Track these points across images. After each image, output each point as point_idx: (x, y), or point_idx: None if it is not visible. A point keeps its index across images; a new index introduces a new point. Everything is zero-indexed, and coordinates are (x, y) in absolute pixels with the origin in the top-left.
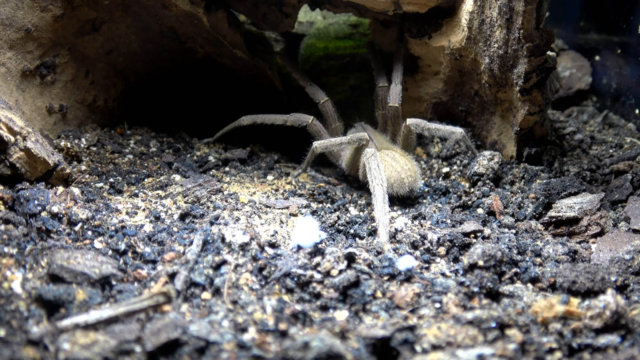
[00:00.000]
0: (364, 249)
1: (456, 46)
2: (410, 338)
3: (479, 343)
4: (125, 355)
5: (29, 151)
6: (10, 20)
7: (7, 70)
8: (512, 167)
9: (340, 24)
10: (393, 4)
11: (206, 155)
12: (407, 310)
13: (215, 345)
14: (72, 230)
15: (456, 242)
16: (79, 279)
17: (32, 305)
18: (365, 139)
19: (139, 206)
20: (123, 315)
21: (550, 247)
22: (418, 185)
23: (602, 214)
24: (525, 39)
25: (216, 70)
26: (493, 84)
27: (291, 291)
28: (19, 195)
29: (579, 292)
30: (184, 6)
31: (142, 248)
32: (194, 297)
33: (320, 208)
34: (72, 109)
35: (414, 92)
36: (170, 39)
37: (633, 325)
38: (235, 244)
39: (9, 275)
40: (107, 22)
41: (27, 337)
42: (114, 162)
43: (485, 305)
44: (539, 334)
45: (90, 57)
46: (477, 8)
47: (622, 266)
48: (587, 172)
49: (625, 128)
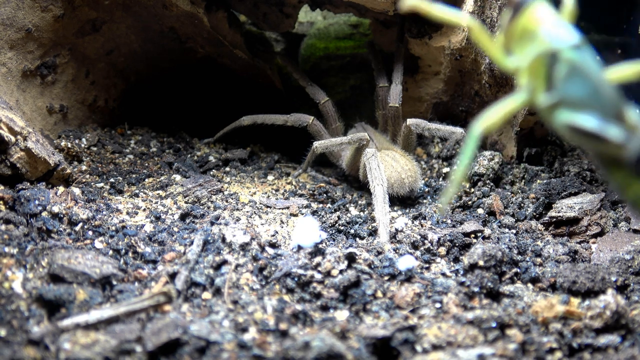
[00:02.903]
0: (364, 249)
1: (456, 46)
2: (411, 338)
3: (479, 343)
4: (125, 355)
5: (30, 151)
6: (11, 21)
7: (7, 70)
8: (512, 167)
9: (340, 24)
10: (393, 4)
11: (206, 156)
12: (407, 310)
13: (215, 345)
14: (73, 230)
15: (456, 242)
16: (80, 279)
17: (32, 305)
18: (365, 139)
19: (140, 206)
20: (124, 315)
21: (551, 247)
22: (418, 186)
23: (602, 214)
24: None
25: (216, 71)
26: (493, 84)
27: (292, 291)
28: (19, 195)
29: (579, 292)
30: (185, 6)
31: (142, 248)
32: (194, 297)
33: (321, 208)
34: (73, 109)
35: (414, 92)
36: (171, 39)
37: (633, 325)
38: (235, 244)
39: (9, 275)
40: (107, 22)
41: (28, 337)
42: (114, 162)
43: (485, 305)
44: (539, 334)
45: (91, 57)
46: (477, 8)
47: (622, 266)
48: (587, 172)
49: None
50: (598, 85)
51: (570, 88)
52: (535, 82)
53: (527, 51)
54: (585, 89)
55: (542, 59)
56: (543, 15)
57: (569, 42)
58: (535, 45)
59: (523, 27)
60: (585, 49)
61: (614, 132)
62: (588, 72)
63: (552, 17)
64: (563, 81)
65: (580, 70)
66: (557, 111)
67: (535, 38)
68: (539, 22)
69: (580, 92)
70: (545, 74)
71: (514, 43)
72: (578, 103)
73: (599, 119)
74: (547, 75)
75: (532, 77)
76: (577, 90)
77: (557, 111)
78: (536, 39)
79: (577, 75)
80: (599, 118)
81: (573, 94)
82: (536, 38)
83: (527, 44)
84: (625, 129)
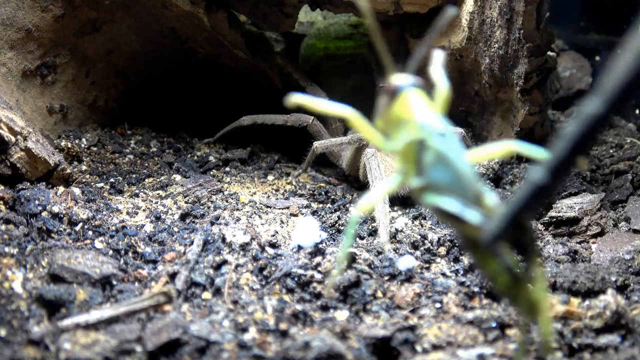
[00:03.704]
0: (364, 249)
1: (456, 46)
2: (411, 338)
3: (479, 343)
4: (126, 355)
5: (30, 151)
6: (11, 21)
7: (7, 71)
8: (512, 167)
9: (340, 24)
10: (393, 4)
11: (207, 156)
12: (407, 310)
13: (215, 345)
14: (73, 230)
15: (456, 242)
16: (80, 279)
17: (32, 305)
18: (365, 139)
19: (140, 206)
20: (124, 315)
21: (551, 247)
22: None
23: (602, 214)
24: (526, 39)
25: (217, 71)
26: (493, 84)
27: (292, 291)
28: (19, 195)
29: (579, 292)
30: (185, 6)
31: (142, 248)
32: (194, 297)
33: (321, 208)
34: (73, 109)
35: None
36: (171, 39)
37: (633, 325)
38: (235, 244)
39: (9, 275)
40: (107, 22)
41: (28, 337)
42: (114, 162)
43: (485, 305)
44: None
45: (91, 57)
46: (477, 8)
47: (622, 266)
48: (588, 172)
49: (626, 128)
50: (460, 172)
51: (435, 174)
52: (407, 166)
53: (400, 137)
54: (448, 175)
55: (412, 146)
56: (414, 103)
57: (436, 131)
58: (407, 132)
59: (397, 114)
60: (451, 137)
61: (472, 215)
62: (451, 161)
63: (422, 105)
64: (430, 167)
65: (445, 158)
66: (425, 194)
67: (407, 125)
68: (410, 110)
69: (444, 178)
70: (415, 159)
71: (390, 128)
72: (442, 188)
73: (460, 202)
74: (417, 160)
75: (404, 161)
76: (441, 176)
77: (425, 194)
78: (407, 126)
79: (441, 162)
80: (461, 202)
81: (438, 179)
82: (408, 125)
83: (401, 130)
84: (483, 212)
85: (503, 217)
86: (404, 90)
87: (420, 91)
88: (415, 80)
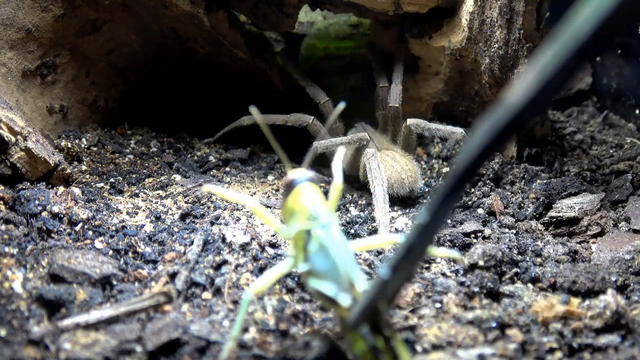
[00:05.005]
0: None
1: (457, 46)
2: (411, 338)
3: (479, 343)
4: (126, 354)
5: (30, 151)
6: (11, 21)
7: (7, 70)
8: (512, 167)
9: (340, 24)
10: (393, 4)
11: (207, 155)
12: (407, 310)
13: (216, 345)
14: (73, 230)
15: (456, 242)
16: (80, 279)
17: (32, 305)
18: (365, 139)
19: (140, 206)
20: (124, 315)
21: (551, 247)
22: (418, 186)
23: (602, 214)
24: (526, 39)
25: (217, 71)
26: (494, 84)
27: (292, 291)
28: (19, 195)
29: (579, 292)
30: (185, 6)
31: (142, 248)
32: (194, 296)
33: None
34: (73, 109)
35: (414, 92)
36: (171, 39)
37: (633, 325)
38: (235, 243)
39: (9, 275)
40: (107, 22)
41: (28, 337)
42: (114, 162)
43: (485, 305)
44: (540, 334)
45: (91, 57)
46: (477, 8)
47: (622, 266)
48: (588, 172)
49: (626, 128)
50: (337, 261)
51: (317, 262)
52: (297, 252)
53: (293, 225)
54: (327, 264)
55: (301, 234)
56: (306, 195)
57: (321, 222)
58: (298, 221)
59: (291, 205)
60: (332, 229)
61: (344, 298)
62: (330, 251)
63: (312, 198)
64: (313, 255)
65: (325, 248)
66: (308, 277)
67: (298, 215)
68: (301, 201)
69: (323, 266)
70: (302, 246)
71: (286, 216)
72: (322, 274)
73: (336, 287)
74: (304, 248)
75: (295, 247)
76: (321, 264)
77: (309, 278)
78: (298, 216)
79: (322, 251)
80: (336, 287)
81: (318, 266)
82: (299, 215)
83: (294, 219)
84: (353, 297)
85: (361, 304)
86: (298, 184)
87: (313, 185)
88: (309, 174)
